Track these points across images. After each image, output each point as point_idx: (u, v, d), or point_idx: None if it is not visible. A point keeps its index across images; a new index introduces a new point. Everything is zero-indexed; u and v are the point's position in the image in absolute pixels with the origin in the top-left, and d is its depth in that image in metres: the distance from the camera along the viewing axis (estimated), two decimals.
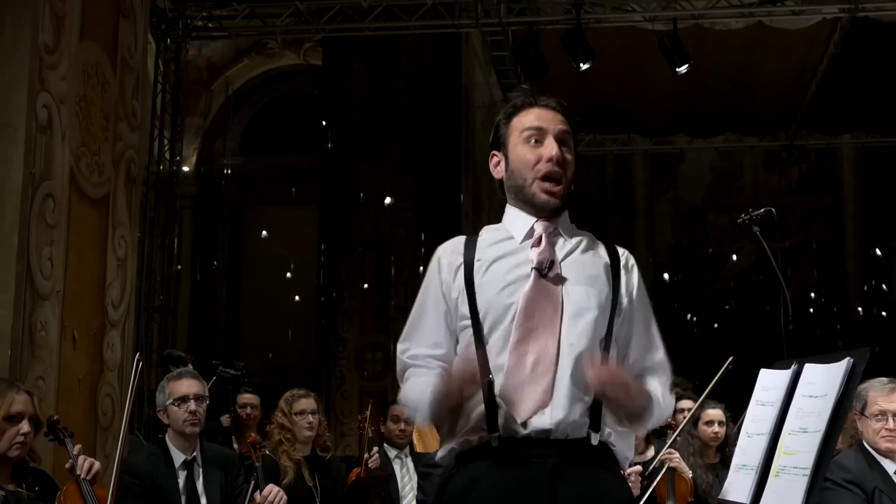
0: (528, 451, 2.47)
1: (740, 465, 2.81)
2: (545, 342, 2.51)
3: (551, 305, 2.54)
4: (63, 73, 5.62)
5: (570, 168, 2.66)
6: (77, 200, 5.78)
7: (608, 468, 2.56)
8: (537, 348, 2.51)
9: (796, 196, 17.13)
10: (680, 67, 10.04)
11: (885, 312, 16.64)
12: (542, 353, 2.51)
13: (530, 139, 2.65)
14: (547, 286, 2.56)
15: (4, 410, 3.76)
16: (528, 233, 2.66)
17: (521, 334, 2.52)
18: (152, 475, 4.44)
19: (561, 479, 2.45)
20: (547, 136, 2.64)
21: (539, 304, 2.54)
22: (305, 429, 5.61)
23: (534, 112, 2.68)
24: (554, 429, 2.47)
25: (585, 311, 2.56)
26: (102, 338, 6.06)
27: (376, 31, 10.43)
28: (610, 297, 2.61)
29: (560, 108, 2.70)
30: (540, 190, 2.64)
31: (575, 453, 2.48)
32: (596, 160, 16.64)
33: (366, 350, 11.37)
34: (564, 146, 2.65)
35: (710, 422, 5.85)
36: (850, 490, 4.00)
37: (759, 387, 2.90)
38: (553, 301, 2.55)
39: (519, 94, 2.76)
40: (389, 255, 11.45)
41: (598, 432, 2.51)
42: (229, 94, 15.01)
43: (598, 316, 2.57)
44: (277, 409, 5.70)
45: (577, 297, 2.57)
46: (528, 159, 2.64)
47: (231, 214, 15.55)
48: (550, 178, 2.63)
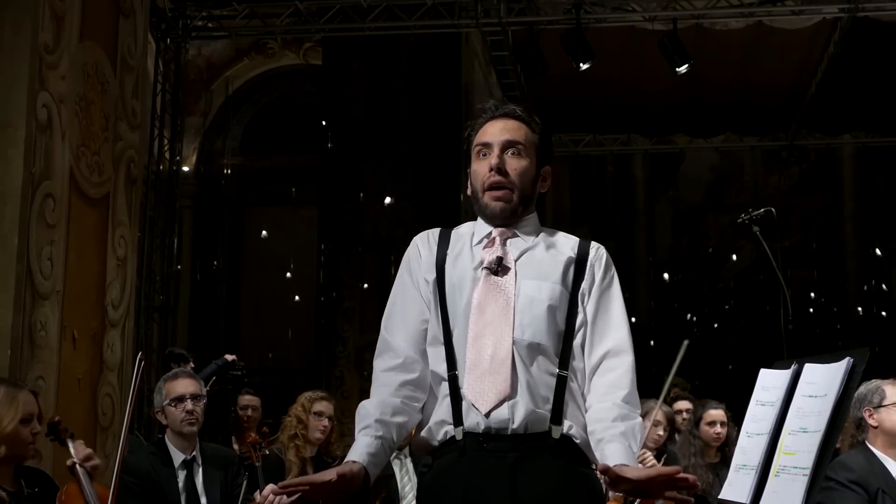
0: (489, 445, 2.56)
1: (740, 465, 2.81)
2: (500, 335, 2.61)
3: (503, 300, 2.65)
4: (63, 73, 5.61)
5: (518, 173, 2.75)
6: (77, 200, 5.78)
7: (571, 461, 2.61)
8: (493, 342, 2.61)
9: (796, 196, 17.14)
10: (680, 67, 10.04)
11: (885, 312, 16.64)
12: (498, 345, 2.60)
13: (480, 154, 2.78)
14: (498, 282, 2.67)
15: (21, 413, 3.74)
16: (487, 237, 2.78)
17: (477, 330, 2.63)
18: (152, 475, 4.45)
19: (520, 473, 2.54)
20: (493, 148, 2.75)
21: (490, 300, 2.65)
22: (318, 430, 5.73)
23: (487, 126, 2.80)
24: (513, 422, 2.56)
25: (537, 302, 2.65)
26: (102, 338, 6.05)
27: (376, 31, 10.42)
28: (569, 290, 2.70)
29: (514, 115, 2.80)
30: (489, 199, 2.75)
31: (536, 447, 2.57)
32: (596, 160, 16.65)
33: (366, 350, 11.35)
34: (512, 152, 2.75)
35: (713, 422, 5.87)
36: (854, 490, 4.00)
37: (759, 386, 2.90)
38: (505, 296, 2.65)
39: (481, 109, 2.86)
40: (389, 255, 11.43)
41: (560, 426, 2.59)
42: (229, 93, 15.02)
43: (553, 308, 2.66)
44: (297, 404, 5.81)
45: (529, 291, 2.66)
46: (478, 173, 2.77)
47: (231, 214, 15.56)
48: (493, 187, 2.74)
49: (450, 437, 2.63)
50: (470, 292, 2.68)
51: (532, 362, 2.61)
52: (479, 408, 2.57)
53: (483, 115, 2.83)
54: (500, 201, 2.74)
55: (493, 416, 2.57)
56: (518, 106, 2.85)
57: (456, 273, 2.73)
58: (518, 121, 2.79)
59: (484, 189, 2.75)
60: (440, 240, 2.83)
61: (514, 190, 2.74)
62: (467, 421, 2.59)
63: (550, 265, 2.72)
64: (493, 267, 2.69)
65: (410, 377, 2.72)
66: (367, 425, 2.66)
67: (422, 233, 2.89)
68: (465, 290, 2.69)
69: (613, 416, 2.56)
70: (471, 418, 2.59)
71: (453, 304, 2.70)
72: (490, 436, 2.57)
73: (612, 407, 2.58)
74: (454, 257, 2.77)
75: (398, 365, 2.73)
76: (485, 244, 2.76)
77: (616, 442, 2.52)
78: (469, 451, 2.58)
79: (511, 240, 2.76)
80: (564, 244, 2.78)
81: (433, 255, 2.79)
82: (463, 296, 2.69)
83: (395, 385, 2.70)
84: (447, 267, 2.76)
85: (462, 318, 2.67)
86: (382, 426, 2.65)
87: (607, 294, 2.73)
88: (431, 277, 2.76)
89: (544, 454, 2.57)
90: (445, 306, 2.71)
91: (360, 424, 2.67)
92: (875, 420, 4.16)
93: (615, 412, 2.57)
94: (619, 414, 2.57)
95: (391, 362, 2.74)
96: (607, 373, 2.64)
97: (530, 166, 2.77)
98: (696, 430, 5.92)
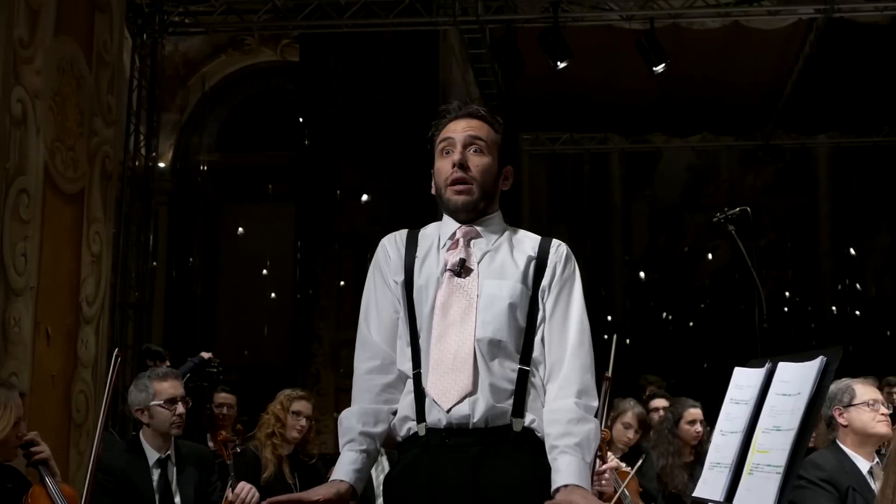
0: (451, 440, 2.64)
1: (714, 463, 2.82)
2: (462, 335, 2.69)
3: (465, 300, 2.72)
4: (38, 68, 5.58)
5: (481, 169, 2.83)
6: (51, 196, 5.75)
7: (533, 452, 2.66)
8: (456, 341, 2.68)
9: (771, 195, 17.21)
10: (657, 66, 10.06)
11: (859, 312, 16.74)
12: (461, 344, 2.68)
13: (443, 151, 2.87)
14: (461, 283, 2.75)
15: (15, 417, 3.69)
16: (452, 237, 2.84)
17: (441, 330, 2.71)
18: (126, 472, 4.42)
19: (483, 467, 2.61)
20: (455, 144, 2.84)
21: (453, 301, 2.73)
22: (296, 430, 5.71)
23: (451, 124, 2.88)
24: (473, 417, 2.62)
25: (497, 300, 2.72)
26: (76, 334, 6.02)
27: (354, 28, 10.40)
28: (530, 288, 2.77)
29: (477, 115, 2.88)
30: (451, 194, 2.83)
31: (497, 440, 2.64)
32: (573, 158, 16.66)
33: (342, 347, 11.33)
34: (474, 149, 2.83)
35: (693, 421, 5.84)
36: (825, 489, 4.03)
37: (733, 385, 2.91)
38: (467, 296, 2.73)
39: (444, 110, 2.94)
40: (366, 253, 11.38)
41: (522, 418, 2.66)
42: (206, 90, 14.96)
43: (513, 305, 2.73)
44: (276, 402, 5.77)
45: (490, 291, 2.74)
46: (441, 170, 2.86)
47: (207, 211, 15.50)
48: (456, 182, 2.82)
49: (412, 433, 2.70)
50: (434, 292, 2.75)
51: (493, 359, 2.68)
52: (442, 404, 2.64)
53: (447, 115, 2.91)
54: (461, 195, 2.81)
55: (454, 411, 2.63)
56: (481, 106, 2.93)
57: (422, 276, 2.80)
58: (481, 120, 2.87)
59: (447, 185, 2.83)
60: (407, 242, 2.89)
61: (475, 185, 2.82)
62: (429, 417, 2.66)
63: (512, 264, 2.79)
64: (456, 269, 2.76)
65: (389, 379, 2.79)
66: (351, 439, 2.72)
67: (388, 235, 2.95)
68: (430, 293, 2.76)
69: (568, 418, 2.64)
70: (433, 414, 2.66)
71: (420, 306, 2.77)
72: (452, 431, 2.64)
73: (567, 408, 2.65)
74: (421, 260, 2.84)
75: (377, 367, 2.80)
76: (448, 246, 2.82)
77: (569, 455, 2.59)
78: (432, 447, 2.66)
79: (475, 240, 2.83)
80: (526, 243, 2.85)
81: (401, 258, 2.85)
82: (428, 298, 2.76)
83: (375, 390, 2.78)
84: (415, 270, 2.82)
85: (427, 319, 2.74)
86: (366, 439, 2.72)
87: (566, 290, 2.80)
88: (400, 279, 2.82)
89: (506, 447, 2.64)
90: (413, 308, 2.78)
91: (344, 438, 2.73)
92: (845, 419, 4.19)
93: (570, 414, 2.64)
94: (574, 417, 2.64)
95: (370, 364, 2.80)
96: (563, 368, 2.71)
97: (492, 164, 2.84)
98: (676, 428, 5.88)
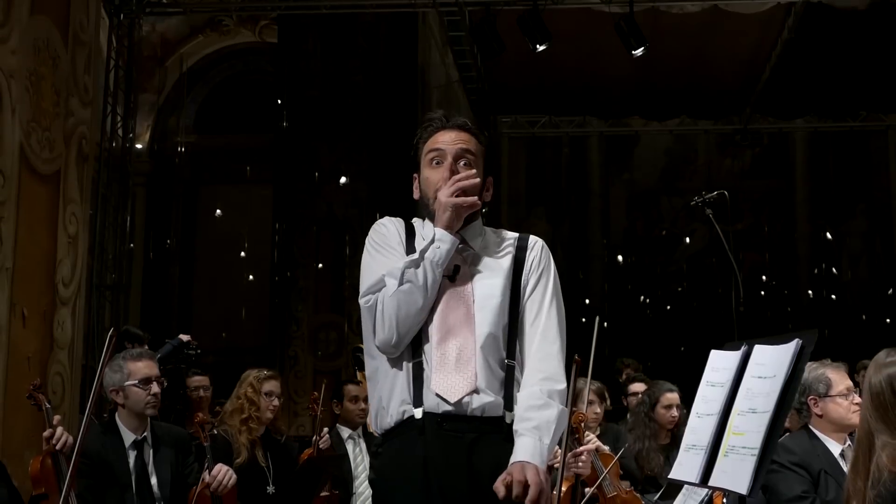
0: (447, 425, 2.71)
1: (690, 446, 2.84)
2: (464, 336, 2.76)
3: (463, 304, 2.81)
4: (13, 48, 5.54)
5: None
6: (27, 176, 5.72)
7: None
8: (458, 343, 2.76)
9: (749, 179, 17.25)
10: (636, 50, 10.08)
11: (835, 296, 16.84)
12: (463, 345, 2.75)
13: (433, 161, 2.93)
14: (457, 289, 2.82)
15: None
16: None
17: (441, 334, 2.77)
18: (102, 454, 4.40)
19: (476, 453, 2.70)
20: (446, 156, 2.90)
21: (452, 306, 2.80)
22: (269, 410, 5.64)
23: (439, 135, 2.94)
24: (471, 405, 2.71)
25: (490, 298, 2.81)
26: (53, 316, 6.00)
27: (333, 10, 10.37)
28: (511, 284, 2.86)
29: (465, 128, 2.94)
30: None
31: (491, 430, 2.73)
32: (551, 142, 16.69)
33: (320, 330, 11.34)
34: (464, 162, 2.89)
35: (670, 405, 5.86)
36: (796, 472, 4.06)
37: (710, 367, 2.93)
38: (464, 300, 2.81)
39: (430, 119, 2.99)
40: (344, 235, 11.40)
41: (511, 412, 2.75)
42: (183, 70, 14.87)
43: (503, 303, 2.82)
44: (245, 385, 5.66)
45: (483, 290, 2.83)
46: (431, 180, 2.91)
47: (185, 192, 15.43)
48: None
49: (408, 417, 2.74)
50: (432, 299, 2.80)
51: (490, 354, 2.76)
52: (448, 398, 2.70)
53: (433, 124, 2.96)
54: None
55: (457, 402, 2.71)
56: (465, 119, 3.01)
57: None
58: (469, 133, 2.94)
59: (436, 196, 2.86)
60: (407, 233, 2.96)
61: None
62: (427, 402, 2.72)
63: (497, 264, 2.89)
64: (451, 274, 2.82)
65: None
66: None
67: (387, 218, 3.01)
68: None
69: (529, 404, 2.73)
70: (431, 399, 2.71)
71: None
72: (449, 417, 2.70)
73: (530, 395, 2.74)
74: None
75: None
76: None
77: (526, 436, 2.67)
78: (428, 430, 2.71)
79: (461, 245, 2.87)
80: (507, 242, 2.95)
81: (403, 246, 2.91)
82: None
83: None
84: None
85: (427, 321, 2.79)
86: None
87: (542, 283, 2.89)
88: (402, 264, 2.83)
89: (498, 437, 2.72)
90: None
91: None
92: (820, 409, 4.19)
93: (531, 400, 2.73)
94: (536, 403, 2.72)
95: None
96: (532, 357, 2.82)
97: (479, 176, 2.90)
98: (652, 412, 5.90)
